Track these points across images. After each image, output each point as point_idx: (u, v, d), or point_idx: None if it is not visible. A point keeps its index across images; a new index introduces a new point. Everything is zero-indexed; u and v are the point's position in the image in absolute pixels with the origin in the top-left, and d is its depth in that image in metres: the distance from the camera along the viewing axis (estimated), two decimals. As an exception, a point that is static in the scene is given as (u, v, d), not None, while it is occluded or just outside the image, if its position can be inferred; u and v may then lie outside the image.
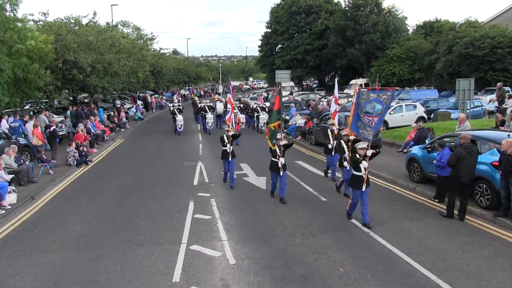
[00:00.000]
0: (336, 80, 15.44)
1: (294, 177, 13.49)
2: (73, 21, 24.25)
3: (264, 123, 23.99)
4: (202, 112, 25.34)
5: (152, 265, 7.39)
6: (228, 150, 12.30)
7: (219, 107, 25.99)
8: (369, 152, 9.13)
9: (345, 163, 10.86)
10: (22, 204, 11.07)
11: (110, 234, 8.93)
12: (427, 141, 13.74)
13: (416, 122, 17.91)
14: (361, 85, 43.18)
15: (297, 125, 22.11)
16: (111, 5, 38.43)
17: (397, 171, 13.29)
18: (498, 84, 23.03)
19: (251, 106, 26.73)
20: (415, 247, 7.92)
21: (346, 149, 11.06)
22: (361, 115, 9.72)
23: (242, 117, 23.61)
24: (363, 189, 8.93)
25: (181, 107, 25.49)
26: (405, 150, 15.40)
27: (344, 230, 8.88)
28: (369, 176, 9.27)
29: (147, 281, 6.84)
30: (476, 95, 25.70)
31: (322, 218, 9.60)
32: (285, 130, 23.45)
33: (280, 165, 10.64)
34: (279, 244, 8.20)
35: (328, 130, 13.28)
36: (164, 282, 6.78)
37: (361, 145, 9.14)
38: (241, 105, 26.75)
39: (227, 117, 13.55)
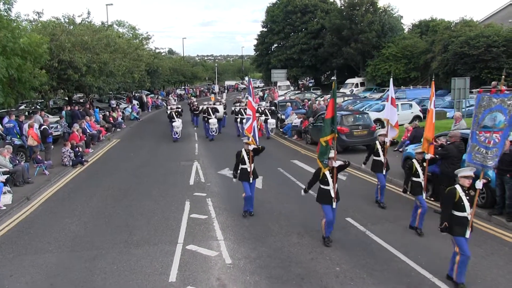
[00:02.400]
0: (391, 79, 12.54)
1: (290, 176, 13.51)
2: (67, 21, 24.13)
3: (272, 128, 22.21)
4: (205, 115, 22.38)
5: (148, 265, 7.38)
6: (249, 169, 9.72)
7: (219, 109, 23.86)
8: (479, 185, 6.33)
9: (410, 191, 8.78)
10: (17, 205, 11.02)
11: (106, 234, 8.91)
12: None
13: (411, 122, 17.98)
14: (357, 84, 43.35)
15: (293, 124, 22.12)
16: (106, 5, 38.39)
17: (393, 170, 13.25)
18: (493, 83, 23.14)
19: (257, 108, 22.65)
20: (411, 246, 7.95)
21: (420, 172, 8.66)
22: (477, 132, 6.61)
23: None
24: (467, 235, 6.46)
25: (179, 110, 22.88)
26: (400, 149, 15.44)
27: (340, 229, 8.88)
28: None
29: (144, 281, 6.83)
30: (472, 94, 25.81)
31: (318, 217, 9.58)
32: (281, 130, 23.40)
33: (333, 194, 8.02)
34: (275, 243, 8.21)
35: (377, 142, 10.77)
36: (160, 282, 6.78)
37: (465, 172, 6.42)
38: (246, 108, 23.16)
39: (247, 126, 10.16)
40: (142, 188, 12.72)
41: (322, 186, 8.12)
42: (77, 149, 16.44)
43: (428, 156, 8.74)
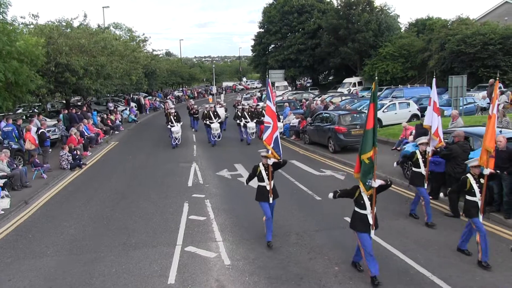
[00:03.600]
0: (434, 79, 10.87)
1: (288, 176, 13.51)
2: (64, 24, 24.14)
3: (280, 131, 20.75)
4: (206, 119, 21.18)
5: (147, 268, 7.37)
6: (268, 187, 8.25)
7: (220, 112, 22.82)
8: None
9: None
10: (16, 209, 11.00)
11: (105, 237, 8.89)
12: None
13: (409, 120, 18.00)
14: (354, 83, 43.40)
15: (291, 124, 22.13)
16: (103, 7, 38.40)
17: (391, 169, 13.32)
18: (490, 80, 23.19)
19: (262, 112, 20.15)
20: (410, 244, 7.95)
21: (477, 190, 7.21)
22: None
23: (252, 127, 20.42)
24: None
25: (176, 113, 21.15)
26: (399, 148, 15.45)
27: (338, 229, 8.88)
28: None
29: (142, 283, 6.82)
30: (469, 91, 25.90)
31: (316, 217, 9.62)
32: (280, 130, 23.19)
33: (371, 221, 6.63)
34: (274, 243, 8.19)
35: (417, 152, 9.40)
36: (160, 284, 6.77)
37: None
38: (250, 112, 21.30)
39: (266, 136, 8.29)
40: (140, 190, 12.70)
41: (357, 210, 6.79)
42: (75, 152, 16.42)
43: (487, 171, 7.17)
